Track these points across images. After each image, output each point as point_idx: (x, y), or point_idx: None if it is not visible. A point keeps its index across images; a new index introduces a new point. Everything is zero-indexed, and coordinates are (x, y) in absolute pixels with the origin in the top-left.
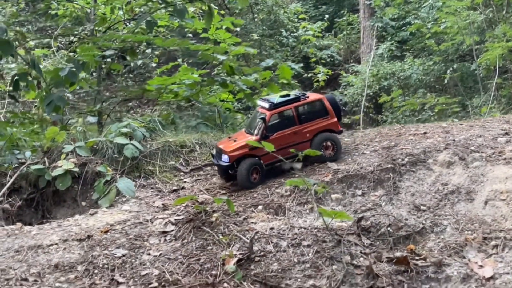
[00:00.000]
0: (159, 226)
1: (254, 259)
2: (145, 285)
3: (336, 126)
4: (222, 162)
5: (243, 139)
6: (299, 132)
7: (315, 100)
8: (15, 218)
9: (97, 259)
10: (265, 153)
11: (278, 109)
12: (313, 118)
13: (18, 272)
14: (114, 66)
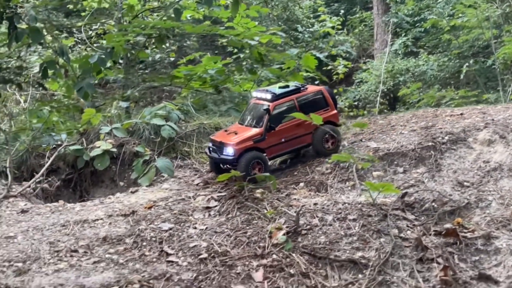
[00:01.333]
0: (202, 202)
1: (301, 232)
2: (195, 256)
3: (336, 118)
4: (225, 155)
5: (246, 132)
6: (302, 124)
7: (316, 91)
8: (53, 198)
9: (144, 232)
10: (270, 145)
11: (281, 100)
12: (314, 110)
13: (67, 244)
14: (142, 55)
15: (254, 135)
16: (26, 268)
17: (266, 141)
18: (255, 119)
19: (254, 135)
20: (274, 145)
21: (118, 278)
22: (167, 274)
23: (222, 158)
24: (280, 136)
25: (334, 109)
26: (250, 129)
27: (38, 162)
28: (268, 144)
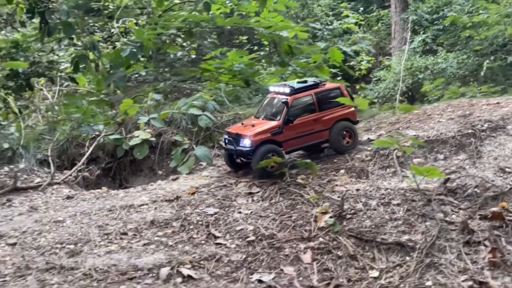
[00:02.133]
0: (244, 188)
1: (346, 217)
2: (242, 238)
3: (354, 116)
4: (241, 147)
5: (263, 124)
6: (319, 120)
7: (334, 87)
8: (94, 186)
9: (190, 216)
10: (287, 139)
11: (299, 94)
12: (332, 106)
13: (115, 227)
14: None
15: (272, 127)
16: (78, 250)
17: (284, 134)
18: (273, 113)
19: (271, 128)
20: (291, 139)
21: (169, 259)
22: (217, 256)
23: (238, 150)
24: (297, 130)
25: (352, 106)
26: (268, 122)
27: (78, 152)
28: (285, 138)
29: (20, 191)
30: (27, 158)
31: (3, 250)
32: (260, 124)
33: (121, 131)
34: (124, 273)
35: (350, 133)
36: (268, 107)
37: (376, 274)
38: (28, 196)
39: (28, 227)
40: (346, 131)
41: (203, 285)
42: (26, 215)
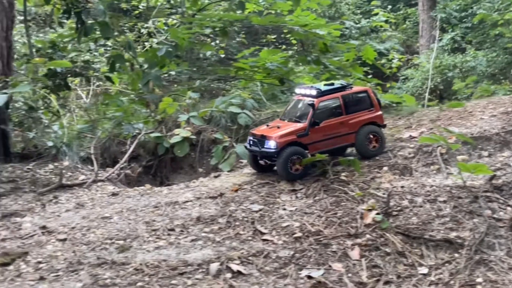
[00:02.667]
0: (287, 186)
1: (392, 214)
2: (289, 235)
3: (381, 119)
4: (266, 149)
5: (289, 126)
6: (346, 123)
7: (361, 91)
8: (135, 183)
9: (235, 213)
10: (313, 141)
11: (326, 96)
12: (359, 109)
13: (162, 224)
14: (206, 48)
15: (298, 129)
16: (128, 245)
17: (309, 137)
18: (298, 115)
19: (297, 130)
20: (316, 142)
21: (217, 255)
22: (265, 252)
23: (263, 152)
24: (323, 132)
25: (379, 110)
26: (293, 124)
27: (119, 150)
28: (311, 140)
29: (65, 188)
30: (71, 156)
31: (54, 246)
32: (285, 126)
33: (162, 129)
34: (174, 268)
35: (377, 137)
36: (294, 109)
37: (425, 271)
38: (73, 193)
39: (77, 223)
40: (373, 135)
41: (252, 281)
42: (73, 212)
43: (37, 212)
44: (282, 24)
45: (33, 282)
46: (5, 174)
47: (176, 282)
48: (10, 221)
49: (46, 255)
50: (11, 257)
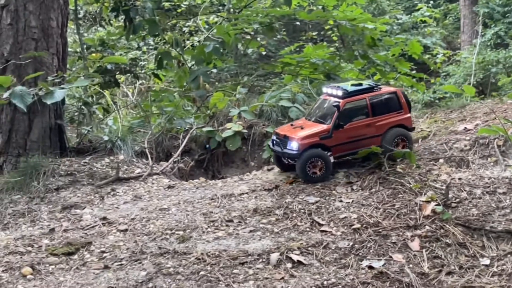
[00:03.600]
0: (342, 178)
1: (451, 205)
2: (347, 226)
3: (409, 122)
4: (289, 150)
5: (313, 127)
6: (372, 125)
7: (390, 92)
8: (188, 177)
9: (292, 205)
10: (336, 144)
11: (352, 97)
12: (386, 111)
13: (220, 215)
14: (252, 44)
15: (321, 131)
16: (188, 236)
17: (333, 139)
18: (323, 115)
19: (320, 132)
20: (340, 144)
21: (277, 245)
22: (324, 242)
23: (285, 152)
24: (348, 135)
25: (408, 112)
26: (317, 125)
27: (172, 144)
28: (335, 142)
29: (122, 181)
30: (125, 150)
31: (116, 236)
32: (309, 126)
33: (213, 123)
34: (235, 258)
35: (404, 140)
36: (320, 109)
37: (487, 262)
38: (130, 186)
39: (136, 214)
40: (400, 138)
41: (313, 271)
42: (131, 204)
43: (96, 204)
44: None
45: (98, 271)
46: (63, 167)
47: (238, 272)
48: (71, 213)
49: (109, 245)
50: (75, 247)
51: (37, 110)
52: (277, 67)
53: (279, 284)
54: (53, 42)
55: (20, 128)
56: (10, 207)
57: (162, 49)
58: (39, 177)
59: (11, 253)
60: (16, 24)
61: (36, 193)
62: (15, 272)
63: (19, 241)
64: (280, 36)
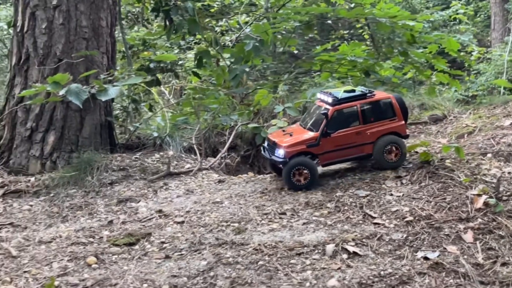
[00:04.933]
0: (391, 172)
1: (502, 198)
2: (400, 219)
3: (403, 130)
4: (276, 157)
5: (301, 134)
6: (363, 133)
7: (383, 99)
8: (235, 173)
9: (342, 198)
10: (324, 152)
11: (342, 105)
12: (378, 119)
13: (272, 208)
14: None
15: (308, 139)
16: (243, 228)
17: (320, 147)
18: (313, 122)
19: (308, 139)
20: (328, 152)
21: (331, 237)
22: (378, 234)
23: (273, 159)
24: (336, 143)
25: (402, 119)
26: (306, 132)
27: (218, 140)
28: (322, 150)
29: (173, 175)
30: (174, 146)
31: (173, 228)
32: (299, 133)
33: (258, 120)
34: (291, 248)
35: (397, 148)
36: (312, 115)
37: None
38: (182, 180)
39: (190, 207)
40: (393, 146)
41: (369, 261)
42: (184, 197)
43: (150, 198)
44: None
45: (160, 260)
46: (115, 163)
47: (295, 262)
48: (126, 206)
49: (168, 236)
50: (135, 238)
51: (88, 107)
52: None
53: (337, 274)
54: (103, 41)
55: (72, 125)
56: (67, 201)
57: (201, 48)
58: (93, 172)
59: (73, 244)
60: (68, 24)
61: (91, 187)
62: (80, 262)
63: (80, 232)
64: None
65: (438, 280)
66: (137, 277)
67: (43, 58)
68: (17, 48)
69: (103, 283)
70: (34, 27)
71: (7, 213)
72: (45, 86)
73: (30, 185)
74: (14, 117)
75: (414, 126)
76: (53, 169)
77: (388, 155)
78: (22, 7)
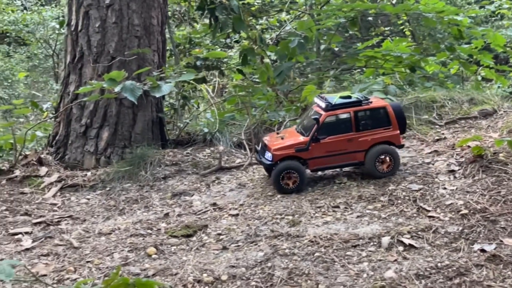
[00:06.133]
0: (442, 167)
1: None
2: (455, 212)
3: (397, 139)
4: (265, 159)
5: (291, 138)
6: (355, 140)
7: (378, 107)
8: None
9: (395, 192)
10: (313, 157)
11: (335, 111)
12: (372, 127)
13: (325, 202)
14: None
15: (298, 143)
16: (297, 220)
17: (309, 152)
18: (306, 127)
19: (297, 144)
20: (318, 157)
21: (386, 230)
22: (433, 227)
23: (262, 162)
24: (327, 149)
25: (397, 129)
26: (297, 136)
27: None
28: (311, 155)
29: (224, 170)
30: (224, 141)
31: (228, 220)
32: (290, 137)
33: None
34: (347, 241)
35: (390, 158)
36: (306, 119)
37: None
38: (233, 175)
39: (243, 200)
40: (385, 155)
41: (425, 254)
42: (237, 191)
43: (203, 192)
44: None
45: (217, 251)
46: (168, 158)
47: (351, 254)
48: (181, 200)
49: (224, 228)
50: (193, 229)
51: (140, 104)
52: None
53: (393, 266)
54: (154, 39)
55: (126, 121)
56: (123, 194)
57: (246, 46)
58: (146, 167)
59: (132, 235)
60: (121, 22)
61: (145, 182)
62: (140, 252)
63: (138, 224)
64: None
65: (496, 272)
66: (196, 267)
67: (96, 56)
68: (71, 47)
69: (163, 272)
70: (88, 26)
71: (66, 206)
72: (101, 83)
73: (86, 179)
74: (69, 114)
75: (464, 121)
76: (107, 164)
77: (380, 165)
78: (76, 7)
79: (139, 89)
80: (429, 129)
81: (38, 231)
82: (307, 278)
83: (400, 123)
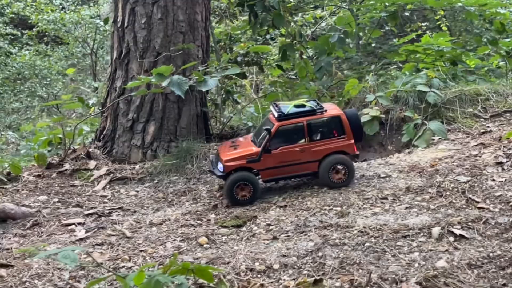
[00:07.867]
0: (490, 159)
1: None
2: (504, 203)
3: (351, 149)
4: (217, 170)
5: (244, 148)
6: (307, 150)
7: (332, 116)
8: None
9: (443, 184)
10: (266, 168)
11: (287, 121)
12: (326, 136)
13: (373, 193)
14: (375, 34)
15: (249, 154)
16: (346, 211)
17: (261, 163)
18: (259, 136)
19: (248, 155)
20: (270, 168)
21: (436, 221)
22: (483, 218)
23: (214, 172)
24: (279, 159)
25: (352, 138)
26: (250, 147)
27: None
28: (263, 166)
29: None
30: None
31: (276, 212)
32: (243, 146)
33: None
34: (396, 231)
35: (344, 168)
36: (261, 129)
37: None
38: None
39: (290, 192)
40: (339, 165)
41: (476, 244)
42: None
43: None
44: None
45: (268, 241)
46: (213, 151)
47: (401, 244)
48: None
49: (273, 219)
50: (242, 220)
51: (185, 98)
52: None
53: (444, 256)
54: (198, 35)
55: (171, 115)
56: (171, 187)
57: (285, 41)
58: (192, 160)
59: (183, 226)
60: (166, 18)
61: (192, 174)
62: (192, 242)
63: (187, 215)
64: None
65: None
66: (248, 256)
67: (142, 52)
68: (118, 43)
69: (216, 261)
70: (134, 22)
71: (116, 198)
72: (150, 78)
73: (135, 172)
74: (116, 108)
75: (509, 114)
76: (154, 158)
77: (334, 175)
78: (122, 4)
79: (186, 83)
80: (474, 122)
81: (90, 222)
82: (358, 267)
83: (355, 131)
